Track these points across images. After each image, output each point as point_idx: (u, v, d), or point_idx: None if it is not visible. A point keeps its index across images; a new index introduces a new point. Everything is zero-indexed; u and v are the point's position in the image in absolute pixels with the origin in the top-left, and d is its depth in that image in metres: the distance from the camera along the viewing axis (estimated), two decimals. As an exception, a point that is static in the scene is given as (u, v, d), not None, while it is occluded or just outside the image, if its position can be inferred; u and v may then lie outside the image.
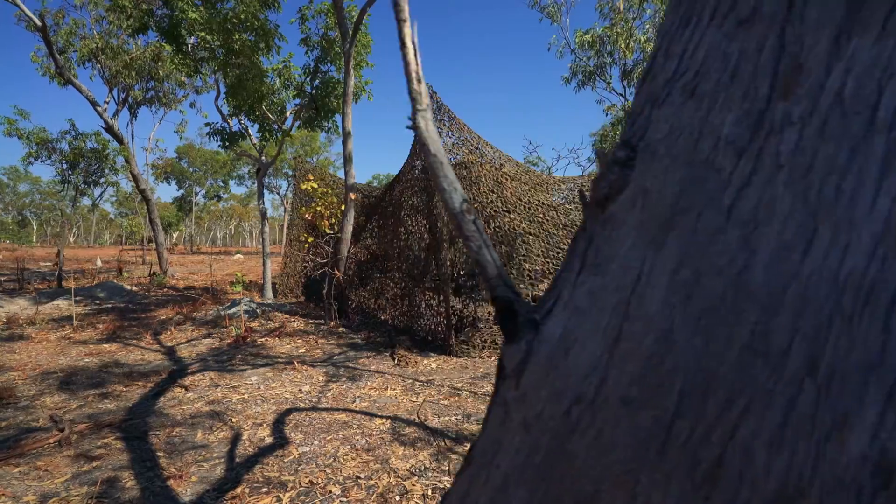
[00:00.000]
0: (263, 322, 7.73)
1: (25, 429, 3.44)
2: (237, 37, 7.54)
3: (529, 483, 0.33)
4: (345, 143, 7.85)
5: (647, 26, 11.76)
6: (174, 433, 3.35)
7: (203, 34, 7.30)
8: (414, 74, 0.38)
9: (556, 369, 0.34)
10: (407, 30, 0.38)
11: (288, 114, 10.12)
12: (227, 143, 10.02)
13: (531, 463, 0.33)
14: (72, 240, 67.38)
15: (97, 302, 9.92)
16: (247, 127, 10.13)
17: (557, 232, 6.79)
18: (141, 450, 3.08)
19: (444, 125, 6.60)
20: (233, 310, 8.23)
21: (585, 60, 13.00)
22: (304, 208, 8.95)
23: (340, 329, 7.31)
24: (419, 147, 0.42)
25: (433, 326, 6.35)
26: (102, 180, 14.37)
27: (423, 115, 0.39)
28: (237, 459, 2.96)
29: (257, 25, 7.71)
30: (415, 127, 0.39)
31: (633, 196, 0.36)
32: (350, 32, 7.49)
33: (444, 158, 0.40)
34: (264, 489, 2.59)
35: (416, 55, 0.38)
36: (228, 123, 9.96)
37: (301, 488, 2.60)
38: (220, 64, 7.87)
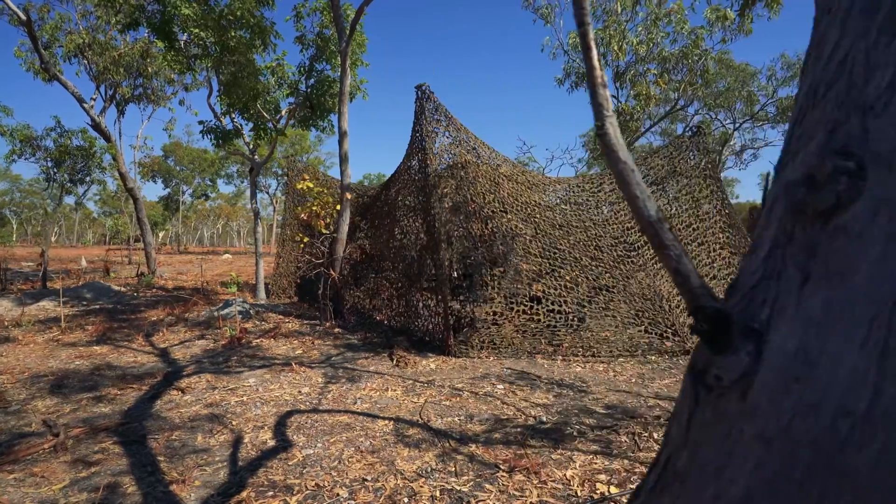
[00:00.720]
0: (257, 323, 7.64)
1: (18, 434, 3.35)
2: (232, 34, 7.42)
3: (787, 498, 0.32)
4: (341, 143, 7.79)
5: (640, 29, 11.88)
6: (173, 437, 3.29)
7: (197, 31, 7.17)
8: (599, 80, 0.37)
9: (800, 382, 0.33)
10: (590, 34, 0.37)
11: (283, 112, 10.01)
12: (220, 142, 9.88)
13: (788, 477, 0.33)
14: (53, 239, 65.88)
15: (84, 303, 9.71)
16: (240, 126, 10.00)
17: (554, 232, 6.81)
18: (140, 454, 3.02)
19: (442, 125, 6.59)
20: (226, 310, 8.11)
21: (578, 62, 13.08)
22: (299, 208, 8.86)
23: (336, 330, 7.25)
24: (606, 154, 0.40)
25: (431, 327, 6.34)
26: (89, 179, 14.05)
27: (610, 121, 0.38)
28: (240, 463, 2.92)
29: (253, 22, 7.60)
30: (603, 133, 0.38)
31: (871, 207, 0.35)
32: (347, 31, 7.44)
33: (634, 165, 0.39)
34: (270, 493, 2.55)
35: (599, 60, 0.37)
36: (221, 122, 9.81)
37: (308, 491, 2.57)
38: (215, 61, 7.75)
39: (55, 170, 12.77)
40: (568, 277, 6.27)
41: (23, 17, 10.73)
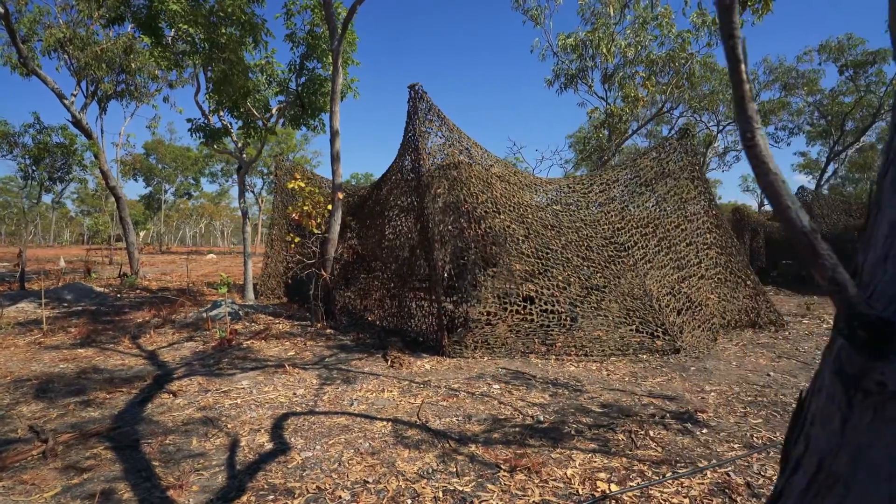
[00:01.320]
0: (247, 324, 7.53)
1: (4, 440, 3.24)
2: (223, 30, 7.29)
3: None
4: (332, 142, 7.72)
5: (628, 32, 12.05)
6: (167, 441, 3.22)
7: (185, 27, 7.03)
8: (747, 93, 0.37)
9: None
10: (739, 48, 0.37)
11: (273, 111, 9.88)
12: (208, 141, 9.71)
13: None
14: (29, 238, 63.90)
15: (65, 305, 9.45)
16: (229, 124, 9.85)
17: (545, 232, 6.86)
18: (134, 459, 2.95)
19: (435, 125, 6.59)
20: (214, 312, 7.98)
21: (568, 63, 13.21)
22: (290, 207, 8.76)
23: (328, 331, 7.19)
24: (755, 166, 0.40)
25: (424, 327, 6.33)
26: (69, 177, 13.67)
27: (760, 133, 0.38)
28: (238, 467, 2.87)
29: (244, 19, 7.48)
30: (753, 145, 0.38)
31: None
32: (339, 29, 7.38)
33: (784, 177, 0.39)
34: (271, 497, 2.52)
35: (747, 73, 0.37)
36: (209, 120, 9.64)
37: (309, 494, 2.54)
38: (204, 58, 7.60)
39: (34, 167, 12.40)
40: (560, 277, 6.32)
41: (0, 9, 10.39)
